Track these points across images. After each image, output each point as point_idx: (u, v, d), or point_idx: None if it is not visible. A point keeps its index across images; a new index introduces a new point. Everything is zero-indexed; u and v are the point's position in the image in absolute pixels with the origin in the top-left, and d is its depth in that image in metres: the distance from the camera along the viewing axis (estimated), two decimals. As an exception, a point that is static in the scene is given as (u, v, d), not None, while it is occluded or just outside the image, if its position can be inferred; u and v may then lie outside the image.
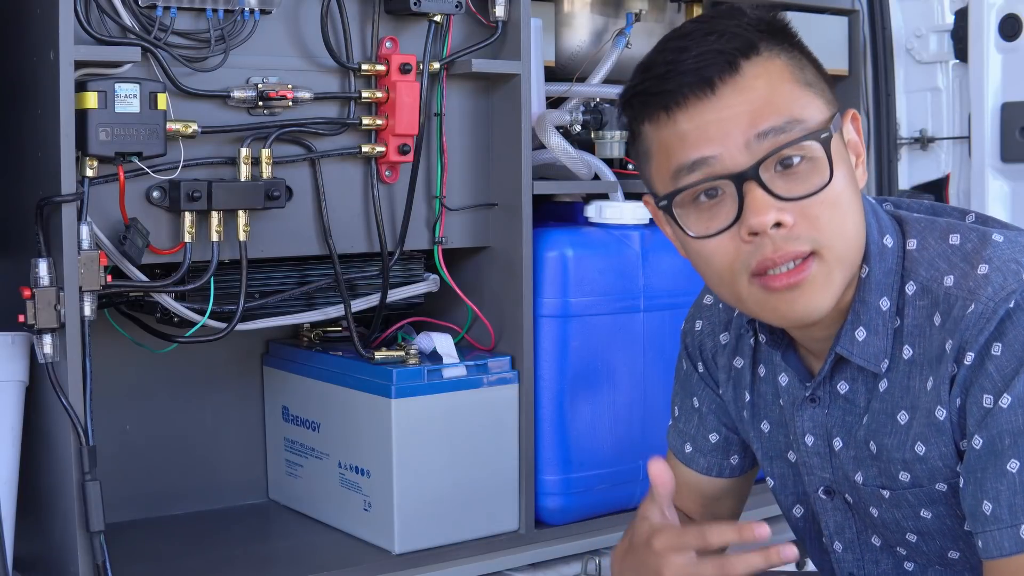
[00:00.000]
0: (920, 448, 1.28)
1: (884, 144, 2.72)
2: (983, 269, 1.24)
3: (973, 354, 1.21)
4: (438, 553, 1.96)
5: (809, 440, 1.41)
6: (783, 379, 1.44)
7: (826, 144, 1.23)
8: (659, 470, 1.32)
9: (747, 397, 1.50)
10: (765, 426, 1.49)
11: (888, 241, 1.31)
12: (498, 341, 2.07)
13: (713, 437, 1.57)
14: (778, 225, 1.21)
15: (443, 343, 2.02)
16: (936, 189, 2.77)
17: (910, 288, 1.29)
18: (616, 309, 2.08)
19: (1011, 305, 1.20)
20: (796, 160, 1.22)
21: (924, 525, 1.34)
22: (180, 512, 2.19)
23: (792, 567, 2.20)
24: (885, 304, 1.30)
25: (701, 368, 1.56)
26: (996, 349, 1.20)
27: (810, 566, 2.18)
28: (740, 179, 1.21)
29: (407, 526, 1.94)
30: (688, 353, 1.58)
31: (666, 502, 1.33)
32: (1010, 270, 1.23)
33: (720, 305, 1.54)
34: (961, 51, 2.66)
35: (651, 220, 2.13)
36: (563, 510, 2.06)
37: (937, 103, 2.75)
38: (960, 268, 1.26)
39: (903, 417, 1.30)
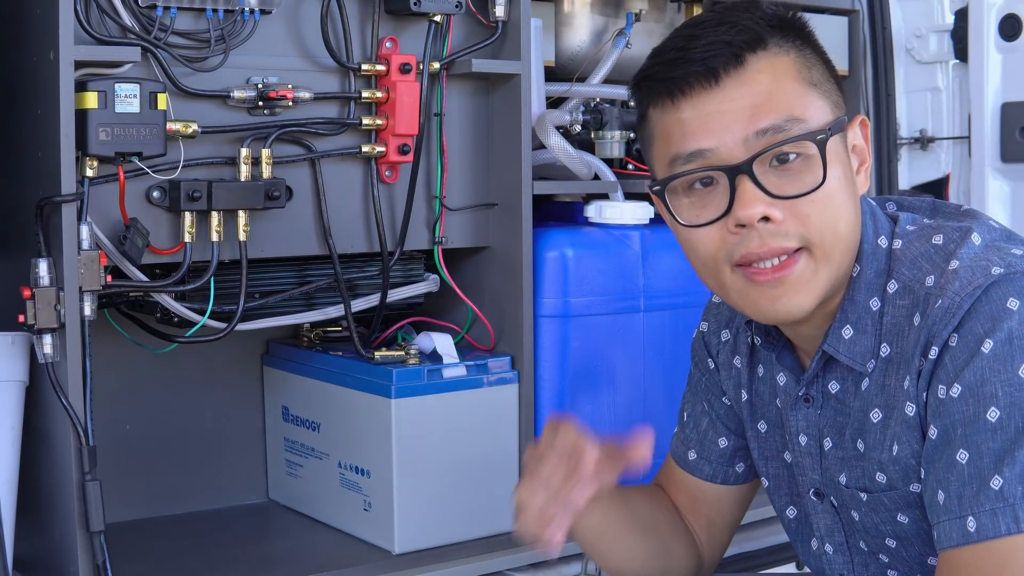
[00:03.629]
0: (895, 448, 1.29)
1: (884, 144, 2.72)
2: (953, 265, 1.25)
3: (937, 348, 1.23)
4: (438, 553, 1.96)
5: (803, 440, 1.42)
6: (781, 379, 1.45)
7: (821, 145, 1.24)
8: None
9: (744, 396, 1.51)
10: (762, 426, 1.50)
11: (883, 242, 1.33)
12: (498, 341, 2.07)
13: (722, 442, 1.57)
14: (766, 219, 1.23)
15: (443, 343, 2.02)
16: (936, 189, 2.77)
17: (892, 287, 1.30)
18: (616, 309, 2.08)
19: (974, 300, 1.21)
20: (792, 157, 1.24)
21: (902, 530, 1.34)
22: (180, 512, 2.19)
23: (792, 567, 2.21)
24: (875, 304, 1.31)
25: (711, 364, 1.56)
26: (953, 340, 1.22)
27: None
28: (733, 172, 1.24)
29: (407, 526, 1.94)
30: (696, 357, 1.59)
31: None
32: (979, 266, 1.24)
33: (725, 303, 1.55)
34: (961, 51, 2.66)
35: (651, 220, 2.14)
36: (563, 510, 2.06)
37: (937, 103, 2.74)
38: (940, 268, 1.27)
39: (876, 415, 1.31)
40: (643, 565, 1.56)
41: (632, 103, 2.09)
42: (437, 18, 1.96)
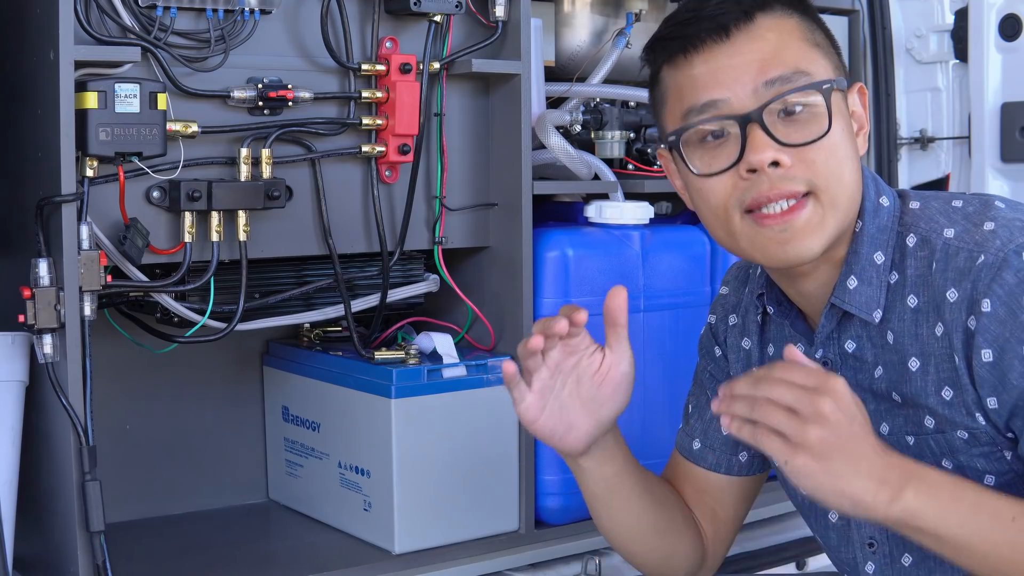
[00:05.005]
0: (947, 393, 1.33)
1: (884, 144, 2.72)
2: (989, 226, 1.31)
3: (990, 301, 1.27)
4: (438, 553, 1.96)
5: None
6: None
7: (827, 95, 1.33)
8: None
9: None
10: None
11: (884, 201, 1.40)
12: (498, 341, 2.07)
13: None
14: (775, 165, 1.31)
15: (443, 343, 2.02)
16: (936, 189, 2.77)
17: (911, 240, 1.37)
18: (616, 309, 2.08)
19: (1022, 256, 1.27)
20: (798, 109, 1.33)
21: None
22: (180, 512, 2.19)
23: (792, 567, 2.20)
24: (880, 258, 1.37)
25: (718, 352, 1.61)
26: None
27: (810, 567, 2.18)
28: (744, 120, 1.31)
29: (407, 526, 1.94)
30: (703, 350, 1.65)
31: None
32: (1015, 226, 1.30)
33: (730, 291, 1.62)
34: (961, 51, 2.65)
35: (651, 220, 2.14)
36: (563, 510, 2.06)
37: (937, 103, 2.74)
38: (962, 224, 1.33)
39: (914, 364, 1.35)
40: (651, 540, 1.58)
41: (632, 104, 2.12)
42: (437, 18, 1.96)
